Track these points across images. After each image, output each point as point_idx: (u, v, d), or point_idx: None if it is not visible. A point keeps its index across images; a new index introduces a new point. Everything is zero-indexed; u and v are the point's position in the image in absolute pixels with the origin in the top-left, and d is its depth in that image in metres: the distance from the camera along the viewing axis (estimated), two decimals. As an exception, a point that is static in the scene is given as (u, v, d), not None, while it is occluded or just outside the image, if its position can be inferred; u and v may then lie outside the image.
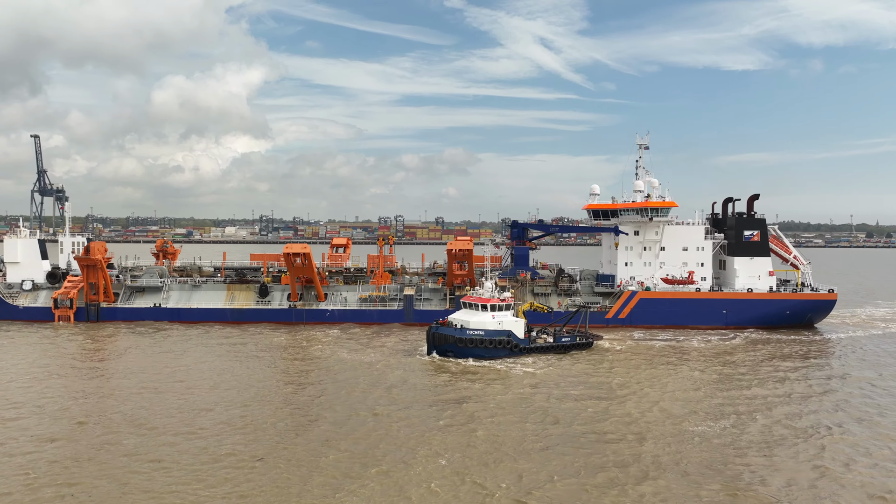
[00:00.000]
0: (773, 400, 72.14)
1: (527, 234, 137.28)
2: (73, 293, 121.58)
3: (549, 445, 56.99)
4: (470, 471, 51.08)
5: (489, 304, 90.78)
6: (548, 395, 72.38)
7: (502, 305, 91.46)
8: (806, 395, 74.88)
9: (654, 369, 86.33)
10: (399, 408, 67.08)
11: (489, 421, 63.25)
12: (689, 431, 60.89)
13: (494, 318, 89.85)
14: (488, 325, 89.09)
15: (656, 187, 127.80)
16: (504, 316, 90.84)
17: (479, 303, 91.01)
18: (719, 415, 66.38)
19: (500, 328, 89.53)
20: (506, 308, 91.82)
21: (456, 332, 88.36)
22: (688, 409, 68.41)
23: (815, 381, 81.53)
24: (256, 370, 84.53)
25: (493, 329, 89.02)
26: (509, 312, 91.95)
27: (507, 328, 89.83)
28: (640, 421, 63.98)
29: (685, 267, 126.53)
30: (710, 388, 76.95)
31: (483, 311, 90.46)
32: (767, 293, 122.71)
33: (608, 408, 68.25)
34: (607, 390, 75.25)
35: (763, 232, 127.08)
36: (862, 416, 66.80)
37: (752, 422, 64.05)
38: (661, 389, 75.81)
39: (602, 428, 61.71)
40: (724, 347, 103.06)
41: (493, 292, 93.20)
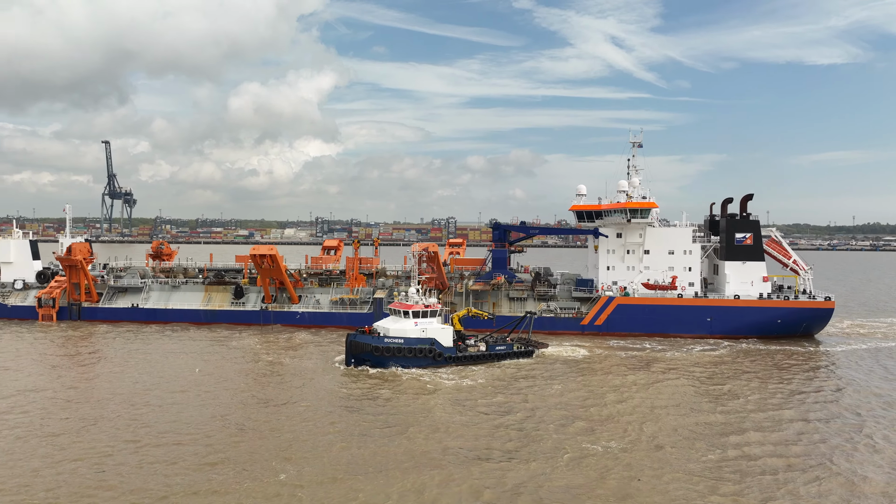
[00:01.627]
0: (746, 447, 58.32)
1: (509, 237, 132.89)
2: (55, 293, 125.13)
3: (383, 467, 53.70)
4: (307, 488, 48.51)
5: (411, 311, 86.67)
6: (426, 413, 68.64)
7: (427, 312, 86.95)
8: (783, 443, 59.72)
9: (588, 388, 79.71)
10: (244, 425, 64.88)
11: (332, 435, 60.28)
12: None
13: (417, 325, 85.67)
14: (409, 333, 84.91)
15: (636, 187, 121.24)
16: (428, 323, 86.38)
17: (402, 309, 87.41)
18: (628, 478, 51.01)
19: (423, 336, 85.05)
20: (431, 314, 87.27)
21: (373, 341, 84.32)
22: (593, 474, 51.10)
23: (790, 421, 67.03)
24: (178, 374, 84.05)
25: (415, 337, 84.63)
26: (435, 319, 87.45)
27: (431, 336, 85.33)
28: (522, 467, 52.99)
29: (671, 271, 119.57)
30: (643, 417, 70.55)
31: (405, 318, 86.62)
32: (756, 300, 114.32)
33: (493, 432, 62.91)
34: (504, 410, 67.80)
35: (756, 234, 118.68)
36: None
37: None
38: (583, 419, 66.09)
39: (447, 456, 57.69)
40: (698, 360, 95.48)
41: (417, 298, 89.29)
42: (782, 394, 76.50)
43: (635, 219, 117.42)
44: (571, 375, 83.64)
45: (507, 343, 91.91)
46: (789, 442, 59.98)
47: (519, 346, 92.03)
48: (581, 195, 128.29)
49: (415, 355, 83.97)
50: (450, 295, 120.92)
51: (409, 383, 78.27)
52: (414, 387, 76.80)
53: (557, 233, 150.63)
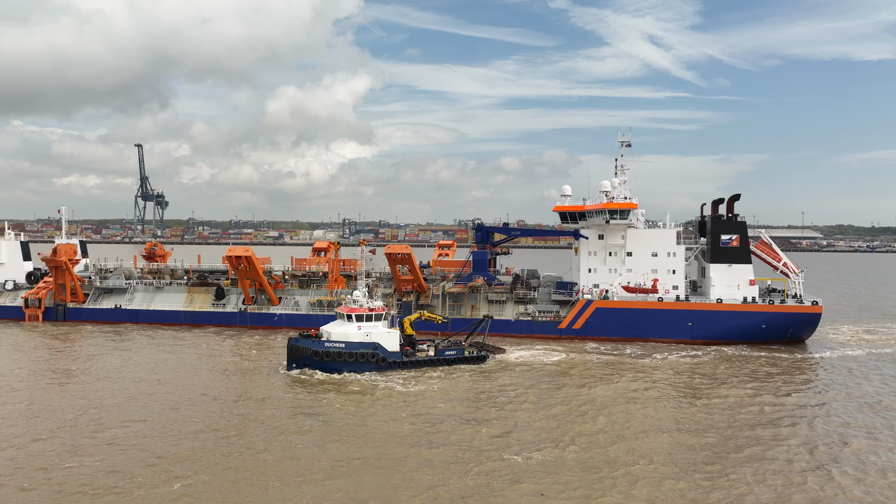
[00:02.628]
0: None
1: (491, 238, 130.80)
2: (42, 293, 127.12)
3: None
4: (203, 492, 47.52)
5: (354, 314, 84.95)
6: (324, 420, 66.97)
7: (371, 315, 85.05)
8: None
9: (532, 397, 77.98)
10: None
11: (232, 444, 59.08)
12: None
13: (361, 328, 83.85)
14: (352, 337, 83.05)
15: (616, 187, 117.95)
16: (373, 327, 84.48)
17: (346, 312, 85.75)
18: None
19: (366, 340, 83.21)
20: (376, 318, 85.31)
21: (313, 345, 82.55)
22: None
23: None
24: (120, 375, 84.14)
25: (357, 341, 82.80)
26: (380, 323, 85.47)
27: (375, 340, 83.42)
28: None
29: (655, 274, 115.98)
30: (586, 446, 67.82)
31: (349, 322, 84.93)
32: (739, 304, 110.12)
33: (406, 440, 62.06)
34: (420, 424, 63.25)
35: (743, 236, 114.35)
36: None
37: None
38: (496, 439, 62.82)
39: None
40: (673, 366, 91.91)
41: (363, 301, 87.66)
42: (750, 413, 71.15)
43: (614, 220, 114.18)
44: (520, 382, 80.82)
45: (458, 348, 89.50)
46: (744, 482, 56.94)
47: (471, 351, 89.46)
48: (566, 196, 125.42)
49: (356, 360, 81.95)
50: (427, 297, 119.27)
51: (340, 389, 76.06)
52: (344, 392, 74.76)
53: (538, 234, 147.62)
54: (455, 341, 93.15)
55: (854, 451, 58.10)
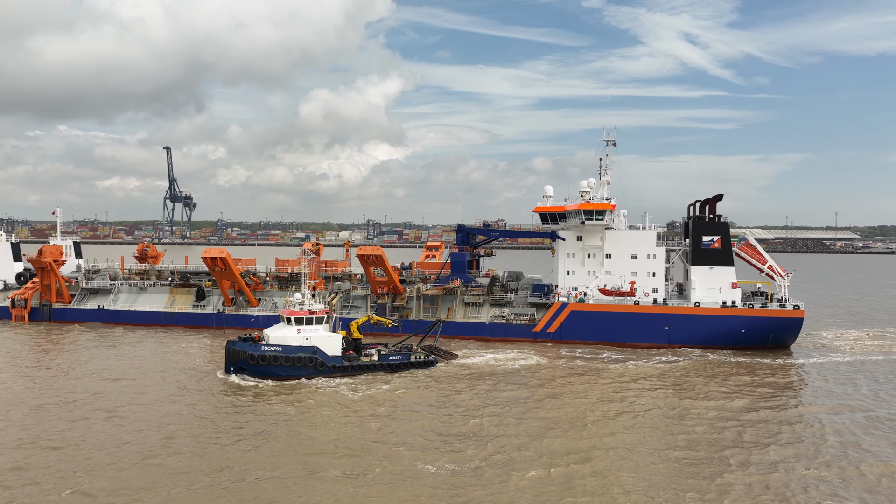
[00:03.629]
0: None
1: (472, 240, 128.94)
2: (28, 294, 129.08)
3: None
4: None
5: (293, 318, 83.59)
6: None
7: (312, 319, 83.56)
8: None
9: (469, 408, 76.03)
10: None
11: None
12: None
13: (300, 332, 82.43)
14: (290, 341, 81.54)
15: (594, 187, 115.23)
16: (314, 330, 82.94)
17: (286, 315, 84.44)
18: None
19: (305, 344, 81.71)
20: (317, 321, 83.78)
21: (249, 349, 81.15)
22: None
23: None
24: (76, 376, 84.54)
25: (295, 345, 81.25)
26: (321, 326, 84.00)
27: (314, 344, 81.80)
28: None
29: (634, 276, 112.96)
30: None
31: (289, 325, 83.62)
32: (717, 308, 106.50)
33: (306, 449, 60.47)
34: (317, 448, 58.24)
35: (725, 238, 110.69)
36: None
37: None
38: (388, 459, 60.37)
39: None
40: (644, 373, 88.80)
41: (303, 304, 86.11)
42: (724, 435, 64.89)
43: (590, 221, 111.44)
44: (465, 389, 78.63)
45: (402, 353, 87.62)
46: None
47: (418, 357, 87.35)
48: (548, 196, 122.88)
49: (293, 364, 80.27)
50: (403, 300, 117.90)
51: (261, 395, 74.37)
52: (263, 398, 73.02)
53: (515, 235, 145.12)
54: (407, 346, 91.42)
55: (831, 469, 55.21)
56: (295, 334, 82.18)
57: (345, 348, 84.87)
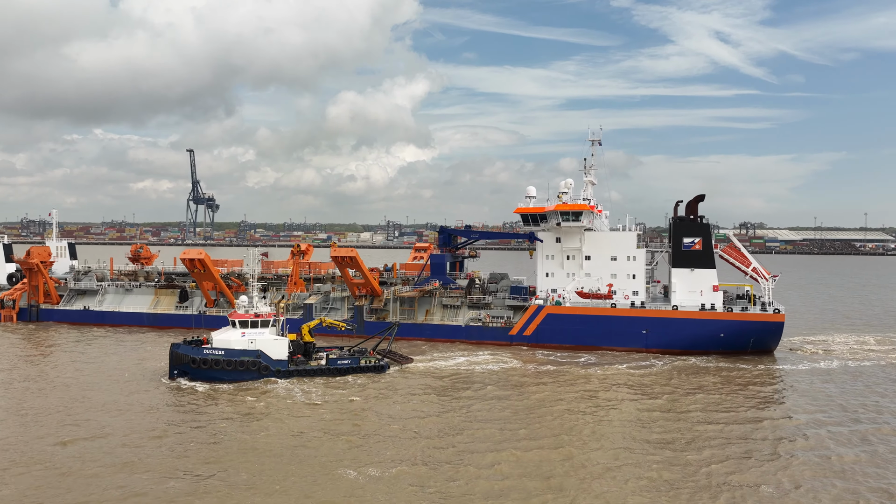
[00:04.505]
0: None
1: (453, 241, 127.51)
2: (16, 295, 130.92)
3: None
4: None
5: (238, 321, 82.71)
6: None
7: (258, 322, 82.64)
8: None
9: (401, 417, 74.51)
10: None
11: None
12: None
13: (244, 335, 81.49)
14: (233, 344, 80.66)
15: (571, 188, 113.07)
16: (259, 333, 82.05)
17: (232, 319, 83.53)
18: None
19: (249, 348, 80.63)
20: (262, 325, 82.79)
21: (192, 352, 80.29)
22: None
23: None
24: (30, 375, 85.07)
25: (238, 349, 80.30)
26: (267, 329, 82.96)
27: (258, 348, 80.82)
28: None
29: (614, 279, 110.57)
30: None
31: (233, 328, 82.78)
32: (695, 311, 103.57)
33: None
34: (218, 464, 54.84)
35: (706, 239, 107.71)
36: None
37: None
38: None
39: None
40: (612, 379, 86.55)
41: (248, 307, 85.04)
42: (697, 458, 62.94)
43: (566, 222, 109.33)
44: (411, 395, 77.13)
45: (352, 357, 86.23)
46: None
47: (368, 361, 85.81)
48: (530, 197, 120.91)
49: (234, 368, 79.30)
50: (381, 302, 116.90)
51: (185, 400, 72.95)
52: (186, 404, 71.65)
53: (495, 237, 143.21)
54: (362, 349, 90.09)
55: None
56: (239, 337, 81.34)
57: (292, 352, 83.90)
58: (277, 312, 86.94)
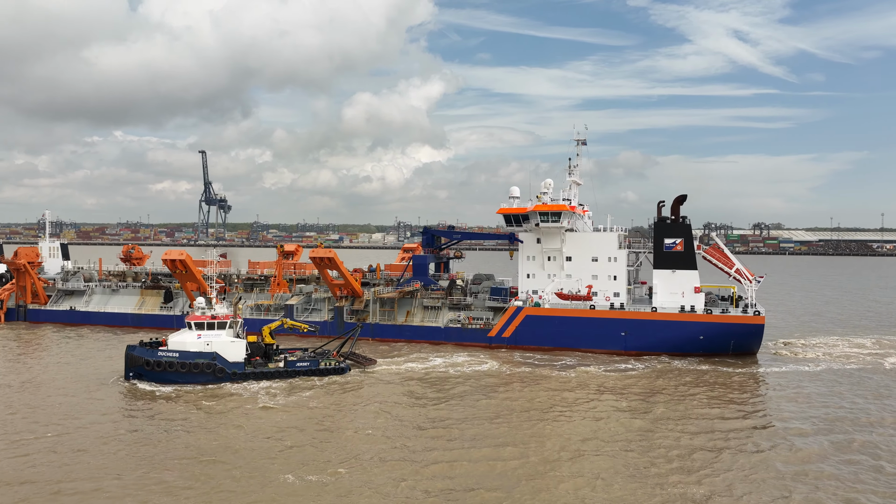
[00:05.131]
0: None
1: (437, 242, 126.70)
2: (4, 295, 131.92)
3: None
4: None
5: (193, 322, 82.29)
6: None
7: (214, 323, 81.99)
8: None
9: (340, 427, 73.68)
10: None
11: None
12: None
13: (200, 337, 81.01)
14: (189, 346, 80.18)
15: (550, 188, 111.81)
16: (216, 335, 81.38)
17: (189, 321, 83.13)
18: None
19: (205, 350, 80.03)
20: (219, 326, 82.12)
21: (146, 354, 79.79)
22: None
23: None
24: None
25: (194, 351, 79.78)
26: (224, 331, 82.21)
27: (214, 350, 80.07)
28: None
29: (596, 280, 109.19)
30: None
31: (189, 330, 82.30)
32: (674, 313, 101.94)
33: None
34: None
35: (688, 240, 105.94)
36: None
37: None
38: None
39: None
40: (584, 382, 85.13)
41: (204, 308, 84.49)
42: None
43: (545, 222, 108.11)
44: (369, 400, 76.16)
45: (311, 359, 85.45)
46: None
47: (328, 363, 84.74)
48: (514, 197, 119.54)
49: (189, 370, 78.66)
50: (362, 303, 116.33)
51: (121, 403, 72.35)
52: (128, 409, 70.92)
53: (476, 238, 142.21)
54: (326, 351, 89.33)
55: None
56: (195, 339, 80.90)
57: (250, 354, 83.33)
58: (235, 314, 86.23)
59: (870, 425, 66.68)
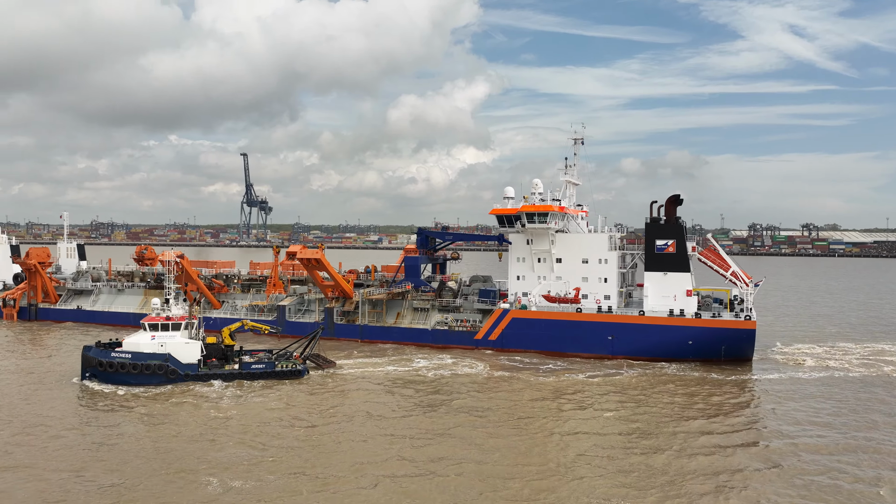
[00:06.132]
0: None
1: (431, 243, 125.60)
2: (17, 294, 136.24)
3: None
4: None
5: (148, 324, 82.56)
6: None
7: (168, 325, 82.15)
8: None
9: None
10: None
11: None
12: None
13: (154, 338, 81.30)
14: (142, 348, 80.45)
15: (538, 188, 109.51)
16: (170, 337, 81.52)
17: (143, 322, 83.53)
18: None
19: (158, 351, 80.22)
20: (174, 328, 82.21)
21: (99, 355, 79.85)
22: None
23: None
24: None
25: (146, 352, 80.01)
26: (179, 333, 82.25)
27: (167, 351, 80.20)
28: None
29: (586, 283, 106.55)
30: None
31: (144, 332, 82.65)
32: (661, 317, 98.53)
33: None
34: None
35: (680, 241, 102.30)
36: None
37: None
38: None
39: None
40: (560, 388, 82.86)
41: (159, 309, 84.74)
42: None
43: (532, 223, 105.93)
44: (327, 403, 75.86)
45: (266, 361, 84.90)
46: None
47: (284, 365, 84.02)
48: (508, 198, 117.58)
49: (141, 372, 78.90)
50: (352, 305, 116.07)
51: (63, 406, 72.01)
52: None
53: (468, 239, 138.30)
54: (290, 353, 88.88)
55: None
56: (148, 341, 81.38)
57: (206, 355, 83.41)
58: (190, 315, 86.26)
59: (856, 450, 62.19)
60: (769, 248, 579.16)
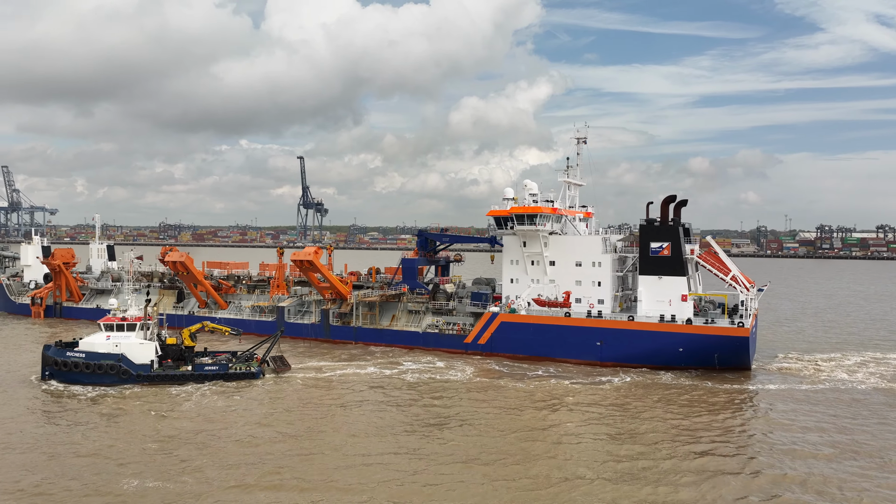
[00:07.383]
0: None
1: (431, 245, 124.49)
2: (44, 293, 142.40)
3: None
4: None
5: (103, 324, 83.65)
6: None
7: (124, 325, 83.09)
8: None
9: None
10: None
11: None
12: None
13: (109, 339, 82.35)
14: (97, 348, 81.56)
15: (532, 188, 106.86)
16: (125, 337, 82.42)
17: (100, 322, 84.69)
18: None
19: (112, 351, 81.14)
20: (129, 328, 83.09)
21: (56, 354, 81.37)
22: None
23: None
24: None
25: (101, 352, 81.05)
26: (134, 333, 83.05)
27: (122, 351, 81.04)
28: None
29: (579, 286, 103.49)
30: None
31: (100, 332, 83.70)
32: (653, 323, 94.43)
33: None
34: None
35: (675, 244, 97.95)
36: None
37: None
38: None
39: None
40: (536, 394, 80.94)
41: (115, 310, 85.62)
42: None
43: (521, 225, 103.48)
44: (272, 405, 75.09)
45: (221, 363, 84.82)
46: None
47: (238, 368, 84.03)
48: (508, 199, 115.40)
49: (94, 371, 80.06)
50: (347, 306, 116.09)
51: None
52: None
53: (462, 241, 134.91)
54: (253, 354, 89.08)
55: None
56: (103, 341, 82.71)
57: (162, 356, 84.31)
58: (146, 316, 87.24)
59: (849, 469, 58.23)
60: (839, 251, 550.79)
